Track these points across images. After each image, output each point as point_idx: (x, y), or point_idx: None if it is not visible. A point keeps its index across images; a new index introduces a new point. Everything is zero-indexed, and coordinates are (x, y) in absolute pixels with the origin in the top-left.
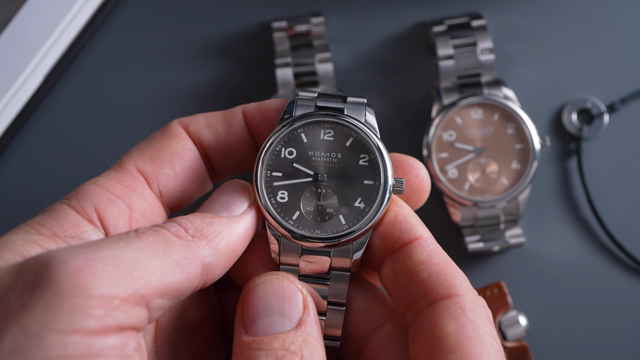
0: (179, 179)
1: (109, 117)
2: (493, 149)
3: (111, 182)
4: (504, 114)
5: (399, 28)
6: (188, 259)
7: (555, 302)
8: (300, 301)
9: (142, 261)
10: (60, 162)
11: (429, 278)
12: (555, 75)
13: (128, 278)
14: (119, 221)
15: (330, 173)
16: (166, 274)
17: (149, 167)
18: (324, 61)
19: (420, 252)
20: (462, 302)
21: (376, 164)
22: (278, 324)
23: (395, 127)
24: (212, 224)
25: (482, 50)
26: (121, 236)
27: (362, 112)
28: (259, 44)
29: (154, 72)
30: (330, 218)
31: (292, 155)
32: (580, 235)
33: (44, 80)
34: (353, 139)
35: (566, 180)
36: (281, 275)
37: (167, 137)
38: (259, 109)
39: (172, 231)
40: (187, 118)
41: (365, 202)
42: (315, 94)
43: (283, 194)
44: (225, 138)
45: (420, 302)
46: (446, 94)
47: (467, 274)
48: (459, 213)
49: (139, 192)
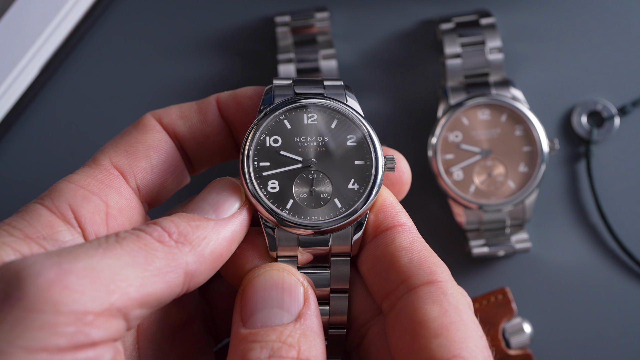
0: (156, 172)
1: (106, 110)
2: (500, 151)
3: (86, 179)
4: (512, 115)
5: (406, 25)
6: (170, 267)
7: (561, 310)
8: (301, 294)
9: (120, 271)
10: (56, 155)
11: (410, 264)
12: (565, 76)
13: (104, 291)
14: (96, 218)
15: (319, 157)
16: (146, 284)
17: (124, 162)
18: (327, 58)
19: (402, 237)
20: (444, 287)
21: (365, 144)
22: (276, 316)
23: (399, 126)
24: (198, 227)
25: (490, 49)
26: (100, 242)
27: (342, 95)
28: (261, 38)
29: (153, 64)
30: (326, 203)
31: (277, 143)
32: (588, 241)
33: (40, 72)
34: (337, 120)
35: (574, 184)
36: (282, 267)
37: (141, 130)
38: (232, 97)
39: (155, 236)
40: (160, 110)
41: (359, 183)
42: (291, 81)
43: (274, 183)
44: (200, 128)
45: (400, 288)
46: (453, 93)
47: (470, 279)
48: (464, 216)
49: (115, 187)
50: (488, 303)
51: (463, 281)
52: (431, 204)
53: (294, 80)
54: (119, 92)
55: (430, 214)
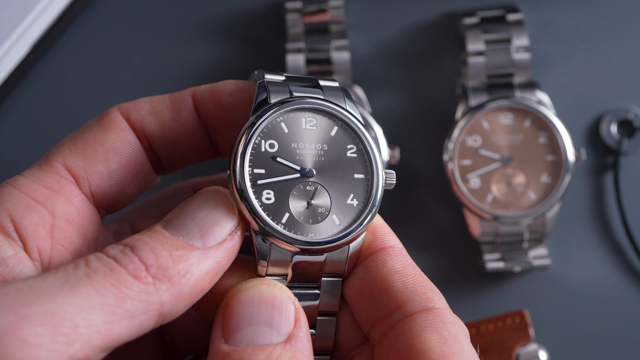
0: (114, 177)
1: (100, 94)
2: (521, 159)
3: (32, 184)
4: (537, 121)
5: (426, 17)
6: (142, 309)
7: (581, 335)
8: (292, 313)
9: (86, 316)
10: (45, 139)
11: (405, 289)
12: (595, 81)
13: (63, 342)
14: (39, 231)
15: (318, 167)
16: (113, 329)
17: (79, 164)
18: (340, 49)
19: (394, 260)
20: (443, 315)
21: (366, 155)
22: (265, 335)
23: (414, 127)
24: (181, 259)
25: (516, 48)
26: (67, 275)
27: (341, 98)
28: (269, 25)
29: (151, 47)
30: (323, 218)
31: (273, 148)
32: (612, 260)
33: (30, 50)
34: (338, 127)
35: (600, 198)
36: (272, 283)
37: (103, 127)
38: (210, 92)
39: (130, 270)
40: (129, 104)
41: (358, 199)
42: (283, 77)
43: (269, 193)
44: (172, 127)
45: (394, 315)
46: (473, 94)
47: (482, 296)
48: (479, 227)
49: (65, 194)
50: (504, 325)
51: (475, 298)
52: (443, 212)
53: (287, 77)
54: (114, 76)
55: (441, 222)
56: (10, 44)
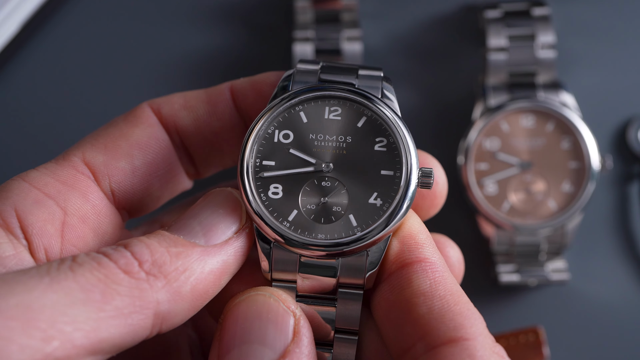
0: (138, 175)
1: (94, 79)
2: (542, 165)
3: (44, 178)
4: (560, 125)
5: (445, 8)
6: (134, 307)
7: (599, 356)
8: (290, 326)
9: (66, 311)
10: (35, 125)
11: (429, 315)
12: (624, 83)
13: (38, 338)
14: (48, 229)
15: (337, 161)
16: (100, 327)
17: (99, 159)
18: (352, 39)
19: (421, 279)
20: (472, 348)
21: (397, 150)
22: (256, 354)
23: (427, 125)
24: (180, 255)
25: (541, 45)
26: (50, 268)
27: (377, 87)
28: (276, 10)
29: (148, 31)
30: (338, 218)
31: (288, 139)
32: (635, 277)
33: (20, 29)
34: (367, 118)
35: (624, 209)
36: (268, 292)
37: (129, 122)
38: (251, 84)
39: (121, 264)
40: (161, 99)
41: (383, 198)
42: (319, 65)
43: (276, 187)
44: (207, 122)
45: (417, 347)
46: (493, 93)
47: (495, 310)
48: (494, 236)
49: (80, 190)
50: (517, 342)
51: (486, 312)
52: (456, 218)
53: (322, 65)
54: (109, 60)
55: (453, 229)
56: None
